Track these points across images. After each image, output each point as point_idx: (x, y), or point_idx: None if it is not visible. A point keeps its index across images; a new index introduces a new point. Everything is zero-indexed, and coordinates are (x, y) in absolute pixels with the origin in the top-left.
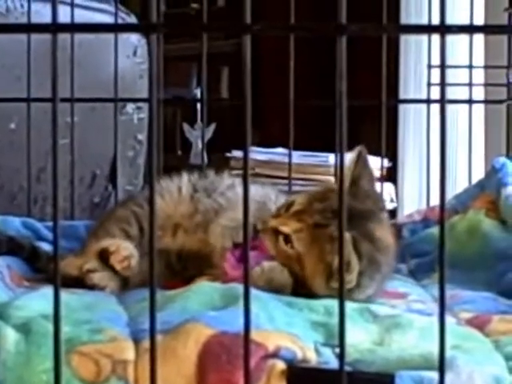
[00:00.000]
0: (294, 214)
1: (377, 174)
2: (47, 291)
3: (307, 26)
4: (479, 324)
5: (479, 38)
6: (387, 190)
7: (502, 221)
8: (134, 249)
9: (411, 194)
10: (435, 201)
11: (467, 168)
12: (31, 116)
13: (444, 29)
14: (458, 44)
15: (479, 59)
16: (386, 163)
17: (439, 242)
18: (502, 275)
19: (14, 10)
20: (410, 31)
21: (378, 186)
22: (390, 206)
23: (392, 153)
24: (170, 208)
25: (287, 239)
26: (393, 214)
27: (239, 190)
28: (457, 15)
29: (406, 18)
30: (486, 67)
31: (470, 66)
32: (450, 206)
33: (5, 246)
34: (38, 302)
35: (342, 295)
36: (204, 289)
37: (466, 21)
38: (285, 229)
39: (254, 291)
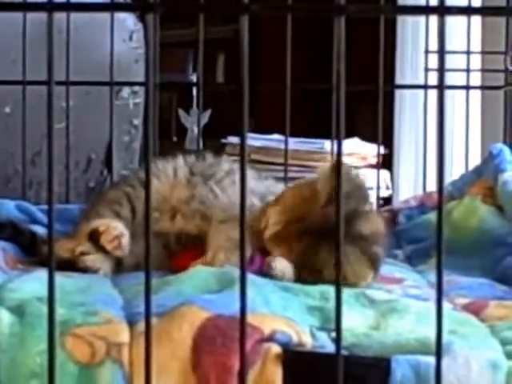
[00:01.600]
0: (275, 237)
1: (373, 160)
2: (41, 274)
3: (306, 6)
4: (475, 309)
5: (476, 24)
6: (383, 177)
7: (499, 207)
8: (124, 228)
9: (407, 181)
10: (431, 187)
11: (464, 154)
12: (26, 100)
13: (443, 10)
14: (454, 29)
15: (476, 44)
16: (382, 150)
17: (437, 228)
18: (498, 261)
19: None
20: (408, 12)
21: (373, 173)
22: (385, 193)
23: (388, 139)
24: (165, 190)
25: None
26: (388, 201)
27: (238, 176)
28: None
29: (403, 2)
30: (483, 53)
31: (468, 52)
32: (447, 192)
33: (7, 231)
34: (32, 284)
35: (338, 280)
36: (199, 273)
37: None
38: (274, 253)
39: (249, 276)
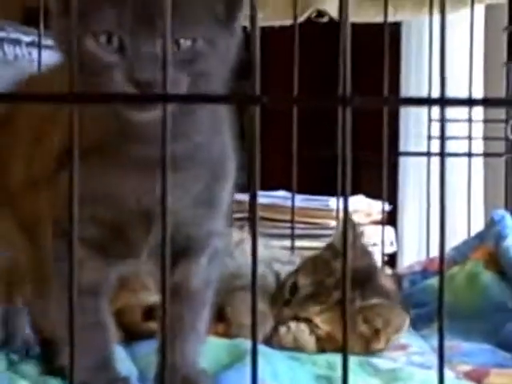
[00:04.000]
0: (309, 297)
1: (377, 217)
2: None
3: (313, 98)
4: (477, 377)
5: (478, 90)
6: (387, 233)
7: (501, 272)
8: None
9: (411, 238)
10: (435, 251)
11: (466, 219)
12: None
13: (444, 101)
14: (454, 82)
15: (478, 111)
16: (387, 207)
17: (438, 295)
18: (500, 327)
19: (21, 57)
20: (412, 103)
21: (378, 229)
22: (390, 249)
23: (392, 196)
24: None
25: (310, 324)
26: (392, 257)
27: (247, 246)
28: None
29: (405, 88)
30: (485, 121)
31: (470, 120)
32: (449, 257)
33: None
34: None
35: (345, 349)
36: (210, 345)
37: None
38: (305, 314)
39: (259, 346)
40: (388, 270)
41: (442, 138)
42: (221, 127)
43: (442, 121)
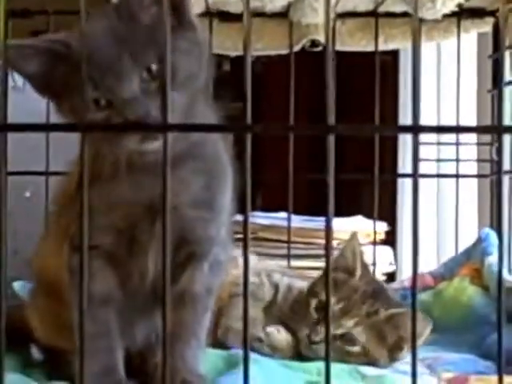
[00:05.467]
0: (342, 313)
1: (377, 237)
2: None
3: (301, 126)
4: (458, 383)
5: (472, 117)
6: (386, 253)
7: (485, 287)
8: None
9: (410, 257)
10: (425, 268)
11: (461, 236)
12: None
13: (417, 129)
14: (448, 114)
15: (472, 120)
16: (386, 227)
17: (412, 316)
18: (484, 338)
19: None
20: (389, 132)
21: (377, 249)
22: (389, 268)
23: (391, 217)
24: None
25: (346, 338)
26: (392, 276)
27: (240, 260)
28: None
29: (403, 113)
30: (472, 144)
31: (457, 143)
32: (438, 273)
33: None
34: None
35: (327, 357)
36: (209, 355)
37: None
38: (341, 330)
39: (252, 355)
40: None
41: (415, 160)
42: None
43: (415, 146)
